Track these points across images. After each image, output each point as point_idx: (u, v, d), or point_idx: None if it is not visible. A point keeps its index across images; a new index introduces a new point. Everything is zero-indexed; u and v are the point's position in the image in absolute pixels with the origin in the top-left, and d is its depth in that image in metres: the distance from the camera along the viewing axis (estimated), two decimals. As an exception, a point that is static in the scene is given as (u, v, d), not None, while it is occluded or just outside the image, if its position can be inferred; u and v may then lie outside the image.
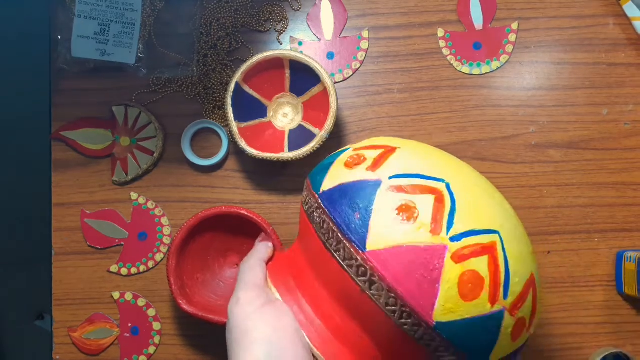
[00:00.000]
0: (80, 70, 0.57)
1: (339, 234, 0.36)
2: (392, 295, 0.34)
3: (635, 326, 0.56)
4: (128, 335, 0.57)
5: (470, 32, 0.59)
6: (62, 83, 0.59)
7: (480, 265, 0.34)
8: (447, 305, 0.33)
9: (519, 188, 0.57)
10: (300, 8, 0.59)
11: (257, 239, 0.50)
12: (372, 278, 0.34)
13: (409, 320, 0.34)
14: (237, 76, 0.54)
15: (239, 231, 0.54)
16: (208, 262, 0.55)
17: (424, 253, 0.34)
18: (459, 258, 0.34)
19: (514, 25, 0.59)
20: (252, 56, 0.55)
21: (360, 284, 0.35)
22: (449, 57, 0.58)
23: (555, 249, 0.57)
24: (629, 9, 0.58)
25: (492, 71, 0.58)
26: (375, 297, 0.34)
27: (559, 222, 0.57)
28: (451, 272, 0.34)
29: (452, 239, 0.34)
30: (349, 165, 0.39)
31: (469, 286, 0.34)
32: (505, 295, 0.35)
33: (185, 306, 0.51)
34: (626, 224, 0.57)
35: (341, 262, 0.36)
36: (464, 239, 0.34)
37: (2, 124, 1.18)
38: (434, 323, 0.34)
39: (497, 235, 0.36)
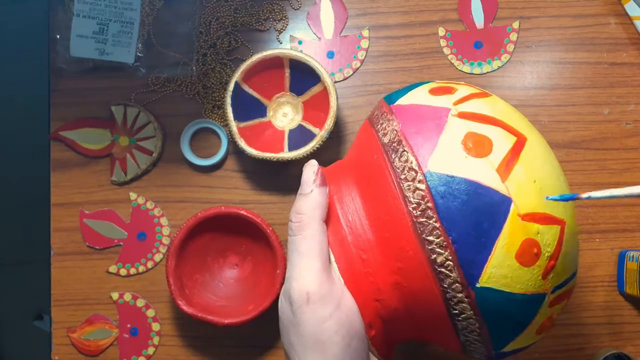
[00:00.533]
0: (79, 69, 0.57)
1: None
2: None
3: (636, 327, 0.56)
4: (127, 336, 0.56)
5: (471, 31, 0.58)
6: (61, 82, 0.59)
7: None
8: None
9: (520, 188, 0.57)
10: (300, 7, 0.59)
11: (312, 179, 0.36)
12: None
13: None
14: (237, 75, 0.53)
15: (238, 231, 0.54)
16: (207, 263, 0.54)
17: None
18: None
19: (515, 24, 0.58)
20: (251, 55, 0.54)
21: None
22: (449, 56, 0.58)
23: (557, 249, 0.57)
24: (631, 9, 0.58)
25: (493, 70, 0.58)
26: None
27: (560, 222, 0.57)
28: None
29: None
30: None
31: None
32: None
33: (185, 307, 0.50)
34: (627, 224, 0.57)
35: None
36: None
37: (1, 124, 1.18)
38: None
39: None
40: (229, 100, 0.53)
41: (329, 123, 0.52)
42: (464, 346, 0.34)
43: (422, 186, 0.31)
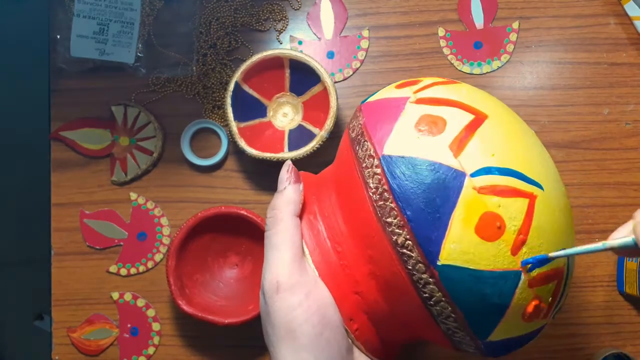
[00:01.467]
0: (79, 69, 0.57)
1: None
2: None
3: (636, 326, 0.56)
4: (127, 335, 0.56)
5: (471, 31, 0.58)
6: (61, 82, 0.59)
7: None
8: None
9: (520, 188, 0.57)
10: (300, 7, 0.59)
11: (285, 177, 0.38)
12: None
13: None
14: (237, 75, 0.54)
15: (238, 231, 0.54)
16: (207, 263, 0.55)
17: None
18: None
19: (515, 25, 0.58)
20: (251, 55, 0.55)
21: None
22: (449, 57, 0.58)
23: (556, 249, 0.57)
24: (630, 9, 0.58)
25: (493, 71, 0.58)
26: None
27: (559, 222, 0.57)
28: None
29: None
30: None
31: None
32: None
33: (185, 307, 0.50)
34: (627, 224, 0.57)
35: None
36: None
37: (1, 124, 1.18)
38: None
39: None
40: (229, 101, 0.53)
41: (329, 123, 0.52)
42: (451, 339, 0.34)
43: (378, 170, 0.32)
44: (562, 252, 0.31)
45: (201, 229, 0.52)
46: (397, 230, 0.31)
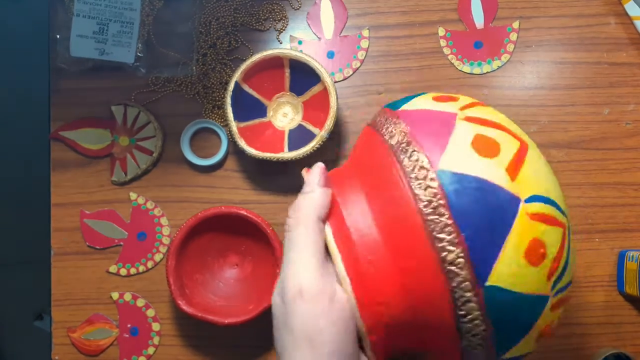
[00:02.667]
0: (79, 69, 0.57)
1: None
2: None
3: (636, 326, 0.56)
4: (127, 335, 0.56)
5: (471, 31, 0.58)
6: (61, 82, 0.59)
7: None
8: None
9: (520, 188, 0.57)
10: (300, 7, 0.59)
11: (316, 180, 0.36)
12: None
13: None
14: (237, 75, 0.53)
15: (238, 231, 0.54)
16: (207, 263, 0.55)
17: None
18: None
19: (515, 24, 0.58)
20: (251, 55, 0.54)
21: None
22: (449, 56, 0.58)
23: (556, 249, 0.57)
24: (631, 8, 0.58)
25: (493, 70, 0.58)
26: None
27: (560, 222, 0.57)
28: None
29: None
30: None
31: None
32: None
33: (185, 307, 0.50)
34: (627, 224, 0.57)
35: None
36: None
37: (1, 124, 1.18)
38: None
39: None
40: (229, 100, 0.53)
41: (329, 123, 0.52)
42: (463, 353, 0.34)
43: (434, 184, 0.31)
44: None
45: (201, 228, 0.52)
46: (449, 247, 0.31)
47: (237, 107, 0.54)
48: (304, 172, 0.39)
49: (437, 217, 0.31)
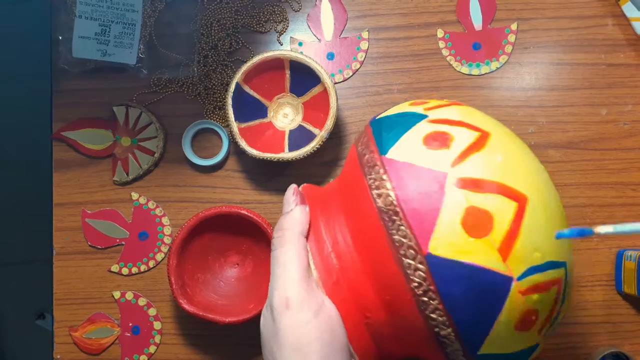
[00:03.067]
0: (81, 70, 0.57)
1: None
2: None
3: (634, 325, 0.56)
4: (129, 334, 0.57)
5: (470, 32, 0.59)
6: (63, 83, 0.59)
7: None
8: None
9: (519, 188, 0.57)
10: (300, 9, 0.60)
11: (292, 199, 0.38)
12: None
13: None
14: (238, 76, 0.54)
15: (239, 231, 0.54)
16: (208, 262, 0.55)
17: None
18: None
19: (513, 26, 0.59)
20: (252, 57, 0.55)
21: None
22: (448, 58, 0.58)
23: (555, 248, 0.57)
24: (628, 10, 0.58)
25: (492, 72, 0.58)
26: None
27: (558, 222, 0.57)
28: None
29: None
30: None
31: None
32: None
33: (186, 306, 0.51)
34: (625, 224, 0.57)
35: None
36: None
37: (4, 124, 1.18)
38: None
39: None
40: (230, 101, 0.54)
41: (329, 124, 0.53)
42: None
43: (423, 267, 0.31)
44: (611, 229, 0.30)
45: (202, 228, 0.53)
46: (441, 325, 0.32)
47: (238, 107, 0.54)
48: (288, 189, 0.39)
49: (428, 299, 0.31)
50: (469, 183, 0.32)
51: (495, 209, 0.31)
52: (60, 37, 0.56)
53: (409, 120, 0.36)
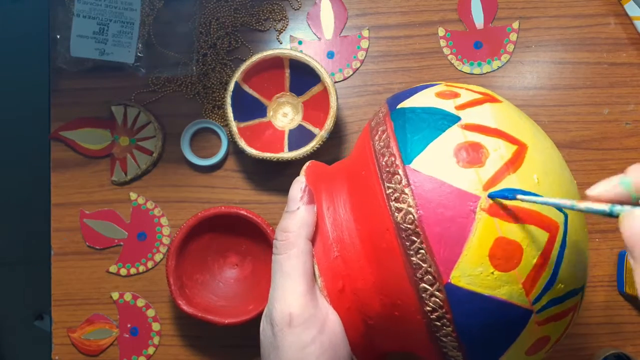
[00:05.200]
0: (79, 69, 0.57)
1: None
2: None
3: (636, 326, 0.56)
4: (127, 335, 0.56)
5: (471, 31, 0.58)
6: (61, 82, 0.59)
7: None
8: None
9: (520, 188, 0.57)
10: (300, 7, 0.59)
11: (299, 196, 0.35)
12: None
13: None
14: (237, 75, 0.54)
15: (238, 231, 0.54)
16: (207, 263, 0.55)
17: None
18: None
19: (515, 25, 0.58)
20: (251, 55, 0.55)
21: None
22: (449, 57, 0.58)
23: (556, 249, 0.57)
24: (631, 9, 0.58)
25: (493, 70, 0.58)
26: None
27: (560, 222, 0.57)
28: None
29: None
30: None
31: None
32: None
33: (185, 307, 0.50)
34: (627, 224, 0.57)
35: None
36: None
37: (1, 124, 1.18)
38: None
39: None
40: (229, 101, 0.53)
41: (329, 123, 0.52)
42: None
43: (441, 296, 0.29)
44: (531, 198, 0.28)
45: (201, 229, 0.52)
46: (450, 347, 0.31)
47: (237, 107, 0.54)
48: (294, 183, 0.36)
49: (441, 325, 0.30)
50: (502, 211, 0.29)
51: (527, 241, 0.29)
52: (58, 36, 0.56)
53: (439, 121, 0.32)
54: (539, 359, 0.33)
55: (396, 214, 0.30)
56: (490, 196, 0.29)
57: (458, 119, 0.32)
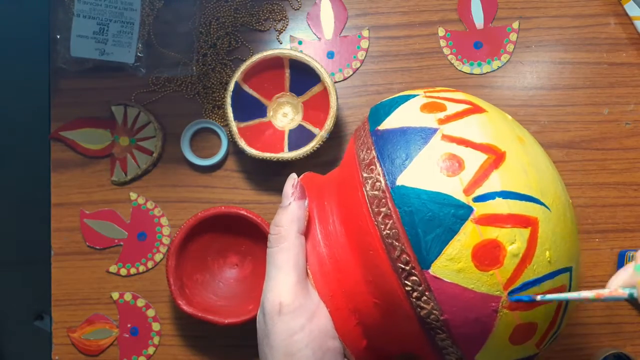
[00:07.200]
0: (79, 69, 0.57)
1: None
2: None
3: (636, 327, 0.56)
4: (127, 335, 0.56)
5: (471, 31, 0.58)
6: (61, 82, 0.59)
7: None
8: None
9: (520, 188, 0.57)
10: (300, 7, 0.59)
11: (290, 192, 0.36)
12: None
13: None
14: (237, 75, 0.54)
15: (238, 231, 0.54)
16: (207, 263, 0.55)
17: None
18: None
19: (515, 25, 0.58)
20: (251, 55, 0.55)
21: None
22: (449, 57, 0.58)
23: (556, 249, 0.57)
24: (630, 9, 0.58)
25: (493, 70, 0.58)
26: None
27: (559, 222, 0.57)
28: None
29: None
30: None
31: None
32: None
33: (185, 307, 0.50)
34: (627, 224, 0.57)
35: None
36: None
37: (1, 124, 1.18)
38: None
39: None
40: (229, 101, 0.53)
41: (328, 123, 0.52)
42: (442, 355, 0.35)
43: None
44: (549, 297, 0.30)
45: (201, 229, 0.52)
46: (450, 351, 0.32)
47: (237, 107, 0.54)
48: (287, 180, 0.38)
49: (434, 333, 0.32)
50: (522, 307, 0.31)
51: (542, 325, 0.32)
52: (58, 36, 0.56)
53: (451, 218, 0.30)
54: (529, 350, 0.33)
55: (406, 283, 0.31)
56: (513, 299, 0.30)
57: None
